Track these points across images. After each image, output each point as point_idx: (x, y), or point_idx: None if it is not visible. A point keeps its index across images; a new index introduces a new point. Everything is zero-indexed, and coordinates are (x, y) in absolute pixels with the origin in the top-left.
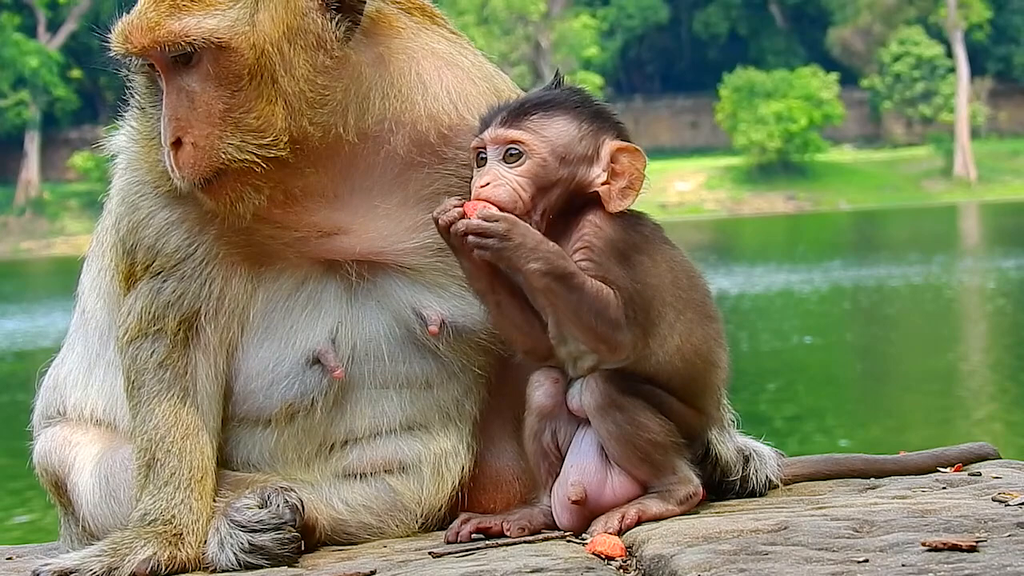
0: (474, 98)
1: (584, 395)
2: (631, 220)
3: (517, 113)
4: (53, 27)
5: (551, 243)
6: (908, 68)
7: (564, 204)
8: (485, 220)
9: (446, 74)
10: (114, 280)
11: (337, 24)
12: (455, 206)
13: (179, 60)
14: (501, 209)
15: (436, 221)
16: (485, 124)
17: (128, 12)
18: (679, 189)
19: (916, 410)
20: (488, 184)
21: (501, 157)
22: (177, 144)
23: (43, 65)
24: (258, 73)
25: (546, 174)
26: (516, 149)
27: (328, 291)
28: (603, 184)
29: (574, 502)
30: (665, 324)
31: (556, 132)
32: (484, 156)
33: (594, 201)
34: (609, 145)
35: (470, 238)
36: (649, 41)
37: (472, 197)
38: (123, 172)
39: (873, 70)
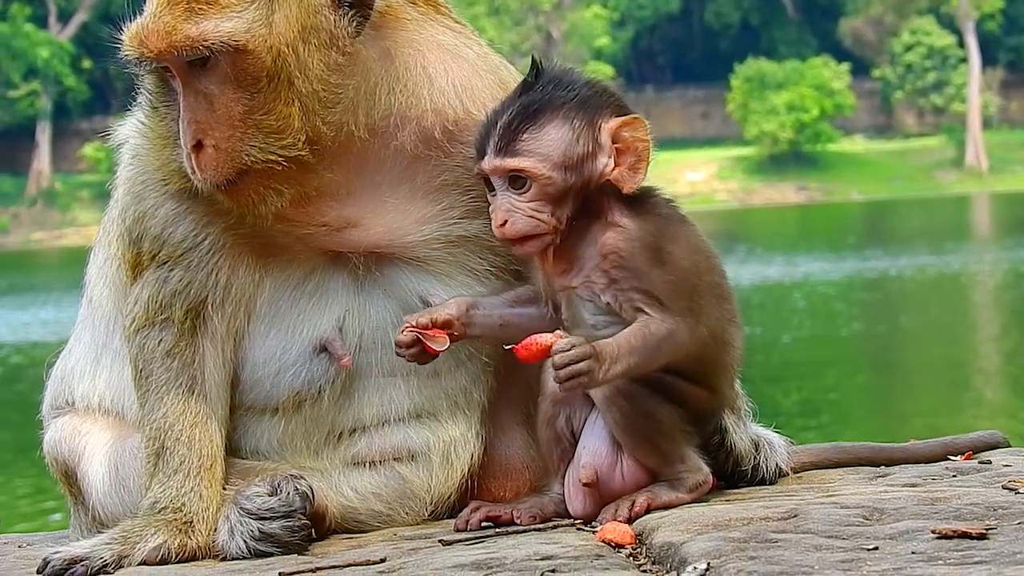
0: (479, 91)
1: None
2: (649, 206)
3: (507, 138)
4: (64, 17)
5: (608, 342)
6: (920, 58)
7: (582, 203)
8: (571, 363)
9: (452, 67)
10: (120, 269)
11: (349, 20)
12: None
13: (195, 63)
14: (528, 237)
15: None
16: (481, 152)
17: (140, 11)
18: (690, 179)
19: (926, 399)
20: (506, 223)
21: (507, 186)
22: (198, 147)
23: (54, 56)
24: (275, 75)
25: (555, 189)
26: (518, 176)
27: (335, 280)
28: (612, 170)
29: (585, 484)
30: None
31: (551, 145)
32: (490, 181)
33: (607, 189)
34: (606, 129)
35: (563, 377)
36: (660, 31)
37: (496, 234)
38: (130, 163)
39: (884, 60)
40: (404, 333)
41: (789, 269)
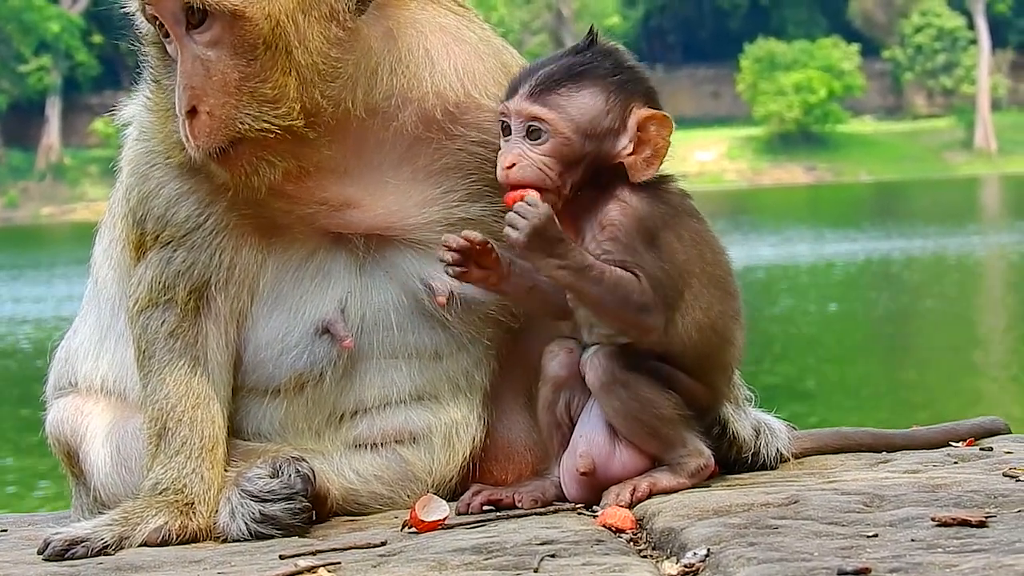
0: (481, 75)
1: (588, 373)
2: (658, 192)
3: (544, 87)
4: None
5: (571, 241)
6: (930, 39)
7: (590, 176)
8: (524, 216)
9: (454, 50)
10: (125, 250)
11: None
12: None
13: (192, 24)
14: (532, 187)
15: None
16: (513, 90)
17: None
18: (699, 159)
19: (931, 382)
20: (514, 166)
21: (524, 133)
22: (192, 113)
23: (65, 30)
24: (272, 43)
25: (570, 152)
26: (538, 127)
27: (337, 262)
28: (629, 155)
29: (582, 474)
30: (690, 295)
31: (581, 108)
32: (508, 124)
33: (620, 171)
34: (636, 115)
35: (508, 215)
36: (671, 10)
37: (499, 176)
38: (134, 142)
39: (895, 41)
40: (457, 246)
41: (798, 249)
